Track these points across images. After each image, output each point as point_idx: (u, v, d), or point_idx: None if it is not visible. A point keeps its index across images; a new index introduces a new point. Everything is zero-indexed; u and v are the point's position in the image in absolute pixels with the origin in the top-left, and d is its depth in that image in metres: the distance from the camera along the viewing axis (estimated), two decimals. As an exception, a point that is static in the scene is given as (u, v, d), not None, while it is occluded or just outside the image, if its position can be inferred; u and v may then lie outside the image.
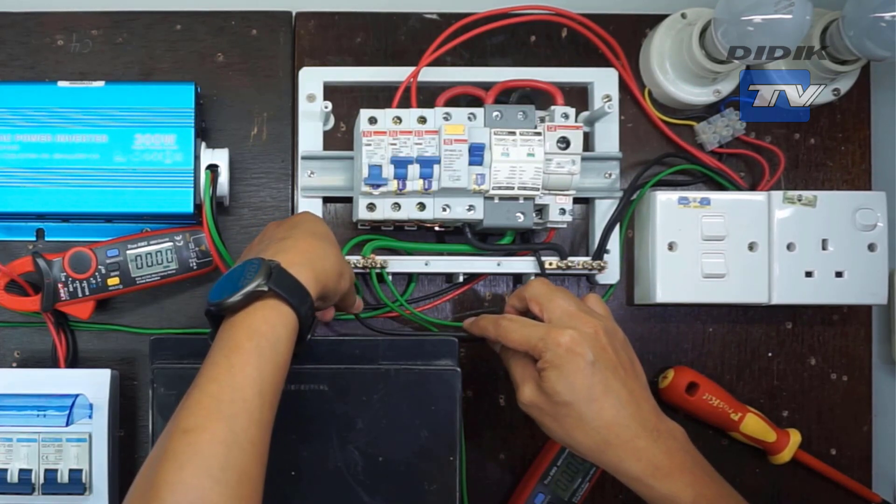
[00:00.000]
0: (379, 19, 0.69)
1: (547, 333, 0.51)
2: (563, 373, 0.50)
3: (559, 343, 0.50)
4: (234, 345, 0.45)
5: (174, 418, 0.42)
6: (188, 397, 0.43)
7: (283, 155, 0.68)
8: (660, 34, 0.67)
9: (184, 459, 0.40)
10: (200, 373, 0.44)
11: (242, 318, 0.46)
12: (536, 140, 0.60)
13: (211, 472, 0.39)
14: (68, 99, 0.61)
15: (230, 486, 0.40)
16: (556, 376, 0.50)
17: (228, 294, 0.46)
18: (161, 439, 0.42)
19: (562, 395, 0.50)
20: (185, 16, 0.68)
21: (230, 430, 0.41)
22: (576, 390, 0.50)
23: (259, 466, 0.42)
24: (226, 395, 0.42)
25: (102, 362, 0.66)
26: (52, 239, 0.66)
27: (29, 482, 0.60)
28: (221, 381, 0.43)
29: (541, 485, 0.65)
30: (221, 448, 0.40)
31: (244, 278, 0.46)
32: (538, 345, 0.51)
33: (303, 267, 0.48)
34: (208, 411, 0.42)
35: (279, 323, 0.46)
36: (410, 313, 0.66)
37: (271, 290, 0.46)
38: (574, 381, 0.50)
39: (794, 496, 0.68)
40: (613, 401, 0.50)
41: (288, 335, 0.46)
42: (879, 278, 0.65)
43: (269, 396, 0.44)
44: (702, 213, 0.64)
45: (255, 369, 0.44)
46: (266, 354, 0.44)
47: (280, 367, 0.45)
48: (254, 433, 0.42)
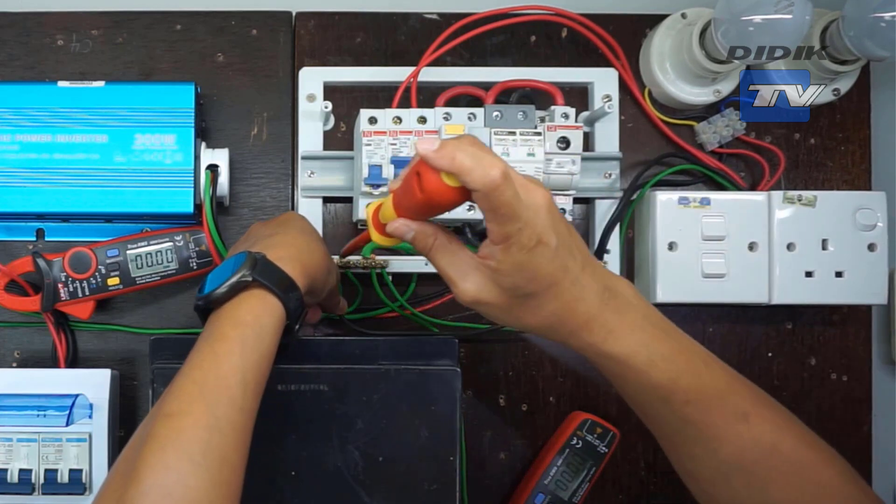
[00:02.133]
0: (379, 19, 0.69)
1: (525, 187, 0.42)
2: (529, 265, 0.43)
3: (537, 207, 0.42)
4: (218, 334, 0.45)
5: (158, 404, 0.43)
6: (172, 384, 0.43)
7: (283, 155, 0.68)
8: (660, 34, 0.67)
9: (165, 442, 0.40)
10: (186, 361, 0.44)
11: (227, 308, 0.46)
12: (536, 140, 0.60)
13: (192, 455, 0.40)
14: (68, 99, 0.61)
15: (210, 470, 0.40)
16: (519, 271, 0.43)
17: (215, 287, 0.47)
18: (144, 423, 0.42)
19: (522, 288, 0.44)
20: (185, 16, 0.68)
21: (212, 414, 0.41)
22: (538, 280, 0.43)
23: (241, 453, 0.42)
24: (209, 382, 0.43)
25: (102, 362, 0.66)
26: (52, 239, 0.66)
27: (29, 482, 0.60)
28: (205, 368, 0.43)
29: (541, 485, 0.65)
30: (203, 433, 0.41)
31: (230, 271, 0.47)
32: (511, 202, 0.40)
33: (290, 259, 0.49)
34: (191, 397, 0.42)
35: (264, 313, 0.46)
36: (410, 313, 0.66)
37: (256, 280, 0.46)
38: (538, 272, 0.43)
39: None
40: (570, 281, 0.44)
41: (273, 325, 0.47)
42: (879, 278, 0.65)
43: (253, 384, 0.44)
44: (702, 213, 0.64)
45: (239, 357, 0.44)
46: (250, 343, 0.45)
47: (265, 357, 0.45)
48: (236, 419, 0.42)
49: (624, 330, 0.45)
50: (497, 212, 0.41)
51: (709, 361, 0.47)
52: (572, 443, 0.65)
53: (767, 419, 0.45)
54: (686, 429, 0.46)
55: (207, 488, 0.39)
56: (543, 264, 0.43)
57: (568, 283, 0.44)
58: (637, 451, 0.68)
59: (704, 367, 0.46)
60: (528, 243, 0.42)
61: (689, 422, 0.46)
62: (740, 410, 0.45)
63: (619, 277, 0.48)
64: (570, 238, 0.44)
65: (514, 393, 0.68)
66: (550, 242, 0.42)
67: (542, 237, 0.42)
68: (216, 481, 0.40)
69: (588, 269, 0.45)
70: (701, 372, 0.46)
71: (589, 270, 0.45)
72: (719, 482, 0.46)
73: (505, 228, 0.41)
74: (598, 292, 0.45)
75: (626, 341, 0.45)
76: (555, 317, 0.45)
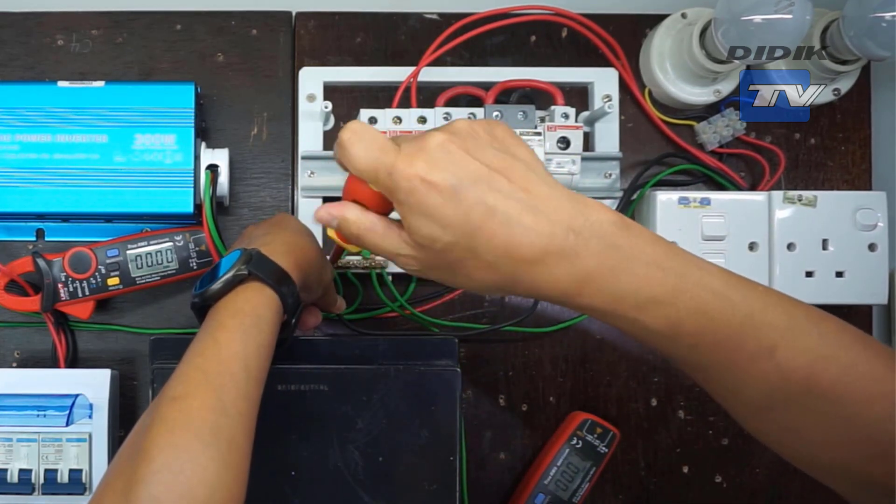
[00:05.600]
0: (379, 19, 0.69)
1: (394, 165, 0.38)
2: (427, 213, 0.38)
3: (409, 175, 0.38)
4: (217, 324, 0.45)
5: (162, 390, 0.42)
6: (176, 371, 0.43)
7: (283, 155, 0.68)
8: (660, 34, 0.67)
9: (174, 425, 0.40)
10: (187, 351, 0.44)
11: (225, 301, 0.47)
12: (536, 140, 0.60)
13: (201, 436, 0.39)
14: (68, 99, 0.61)
15: (220, 450, 0.40)
16: (421, 220, 0.39)
17: (211, 284, 0.47)
18: (148, 410, 0.42)
19: (438, 238, 0.38)
20: (185, 16, 0.68)
21: (219, 398, 0.41)
22: (451, 226, 0.38)
23: (247, 438, 0.42)
24: (212, 368, 0.43)
25: (102, 362, 0.66)
26: (52, 239, 0.66)
27: (29, 482, 0.60)
28: (208, 355, 0.43)
29: (541, 485, 0.65)
30: (210, 415, 0.40)
31: (225, 268, 0.47)
32: (388, 182, 0.39)
33: (283, 254, 0.49)
34: (196, 382, 0.42)
35: (261, 304, 0.46)
36: (410, 313, 0.66)
37: (252, 273, 0.47)
38: (443, 216, 0.38)
39: (794, 496, 0.68)
40: (502, 218, 0.37)
41: (271, 317, 0.47)
42: (880, 278, 0.64)
43: (255, 372, 0.44)
44: (702, 213, 0.64)
45: (241, 344, 0.44)
46: (250, 332, 0.45)
47: (264, 347, 0.45)
48: (241, 405, 0.42)
49: (602, 276, 0.38)
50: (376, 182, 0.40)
51: (725, 291, 0.39)
52: (572, 443, 0.65)
53: (802, 349, 0.38)
54: (702, 370, 0.41)
55: (218, 468, 0.39)
56: (443, 208, 0.38)
57: (498, 222, 0.37)
58: (637, 451, 0.68)
59: (718, 301, 0.39)
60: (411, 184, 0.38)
61: (702, 363, 0.40)
62: (765, 345, 0.38)
63: (600, 208, 0.39)
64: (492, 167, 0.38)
65: (514, 393, 0.68)
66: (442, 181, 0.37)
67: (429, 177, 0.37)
68: (227, 462, 0.40)
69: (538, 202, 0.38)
70: (711, 309, 0.39)
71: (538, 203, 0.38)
72: (751, 421, 0.42)
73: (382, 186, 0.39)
74: (555, 230, 0.38)
75: (607, 290, 0.38)
76: (506, 267, 0.39)
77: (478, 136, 0.39)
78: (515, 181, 0.38)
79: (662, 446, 0.68)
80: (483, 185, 0.38)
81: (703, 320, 0.39)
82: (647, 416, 0.68)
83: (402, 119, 0.61)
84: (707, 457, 0.68)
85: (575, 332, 0.68)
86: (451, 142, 0.38)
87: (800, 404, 0.39)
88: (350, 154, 0.40)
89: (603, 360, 0.68)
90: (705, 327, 0.39)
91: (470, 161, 0.38)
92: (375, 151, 0.39)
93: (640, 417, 0.68)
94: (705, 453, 0.68)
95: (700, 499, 0.68)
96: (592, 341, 0.68)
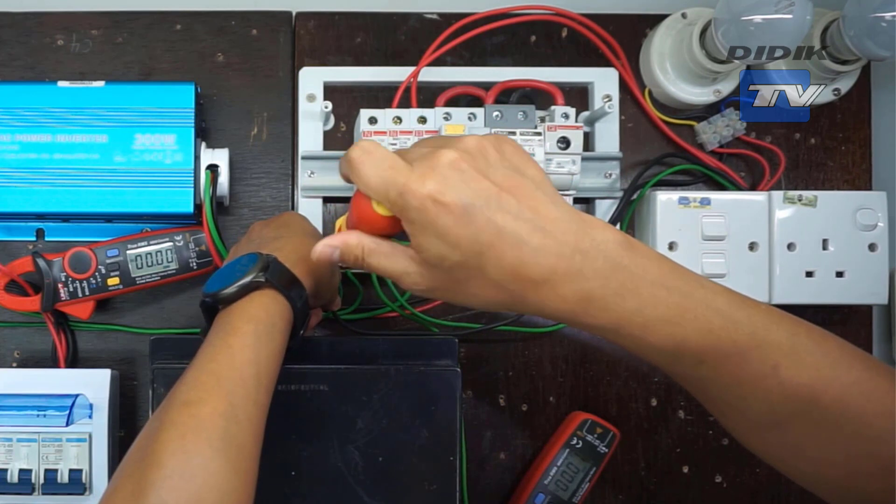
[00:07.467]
0: (379, 19, 0.69)
1: (405, 185, 0.38)
2: (437, 232, 0.38)
3: (420, 195, 0.38)
4: (231, 328, 0.45)
5: (171, 394, 0.42)
6: (186, 375, 0.43)
7: (283, 155, 0.68)
8: (660, 34, 0.67)
9: (185, 429, 0.40)
10: (198, 355, 0.44)
11: (239, 305, 0.46)
12: (536, 140, 0.60)
13: (212, 441, 0.39)
14: (68, 99, 0.61)
15: (230, 457, 0.40)
16: (431, 240, 0.39)
17: (225, 285, 0.47)
18: (157, 414, 0.42)
19: (447, 257, 0.39)
20: (185, 16, 0.68)
21: (230, 404, 0.41)
22: (461, 246, 0.38)
23: (256, 444, 0.42)
24: (224, 373, 0.43)
25: (102, 362, 0.66)
26: (52, 239, 0.66)
27: (29, 482, 0.60)
28: (220, 360, 0.43)
29: (541, 485, 0.65)
30: (221, 420, 0.40)
31: (240, 271, 0.47)
32: (398, 201, 0.39)
33: (297, 263, 0.49)
34: (208, 386, 0.42)
35: (275, 312, 0.47)
36: (410, 313, 0.66)
37: (268, 281, 0.47)
38: (453, 237, 0.38)
39: (794, 496, 0.68)
40: (511, 239, 0.38)
41: (283, 326, 0.47)
42: (880, 278, 0.64)
43: (266, 380, 0.44)
44: (702, 213, 0.64)
45: (253, 351, 0.44)
46: (263, 339, 0.45)
47: (275, 354, 0.46)
48: (252, 411, 0.42)
49: (608, 296, 0.39)
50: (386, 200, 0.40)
51: (729, 310, 0.40)
52: (572, 443, 0.65)
53: (805, 367, 0.39)
54: (705, 388, 0.42)
55: (228, 474, 0.39)
56: (455, 229, 0.38)
57: (508, 243, 0.38)
58: (637, 451, 0.68)
59: (722, 320, 0.39)
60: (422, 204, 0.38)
61: (705, 381, 0.41)
62: (768, 363, 0.39)
63: (605, 229, 0.40)
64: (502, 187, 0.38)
65: (514, 393, 0.68)
66: (454, 203, 0.38)
67: (440, 198, 0.38)
68: (236, 468, 0.40)
69: (546, 223, 0.38)
70: (715, 328, 0.39)
71: (546, 224, 0.38)
72: (753, 438, 0.43)
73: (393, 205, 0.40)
74: (563, 250, 0.38)
75: (612, 309, 0.39)
76: (513, 286, 0.39)
77: (488, 154, 0.39)
78: (523, 201, 0.39)
79: (662, 446, 0.68)
80: (493, 205, 0.38)
81: (708, 339, 0.39)
82: (647, 416, 0.68)
83: (402, 119, 0.61)
84: (707, 457, 0.68)
85: (575, 332, 0.68)
86: (462, 160, 0.38)
87: (802, 421, 0.39)
88: (361, 172, 0.40)
89: (603, 360, 0.68)
90: (710, 346, 0.39)
91: (481, 180, 0.38)
92: (386, 170, 0.39)
93: (640, 417, 0.68)
94: (705, 453, 0.68)
95: (700, 499, 0.68)
96: (592, 341, 0.68)
